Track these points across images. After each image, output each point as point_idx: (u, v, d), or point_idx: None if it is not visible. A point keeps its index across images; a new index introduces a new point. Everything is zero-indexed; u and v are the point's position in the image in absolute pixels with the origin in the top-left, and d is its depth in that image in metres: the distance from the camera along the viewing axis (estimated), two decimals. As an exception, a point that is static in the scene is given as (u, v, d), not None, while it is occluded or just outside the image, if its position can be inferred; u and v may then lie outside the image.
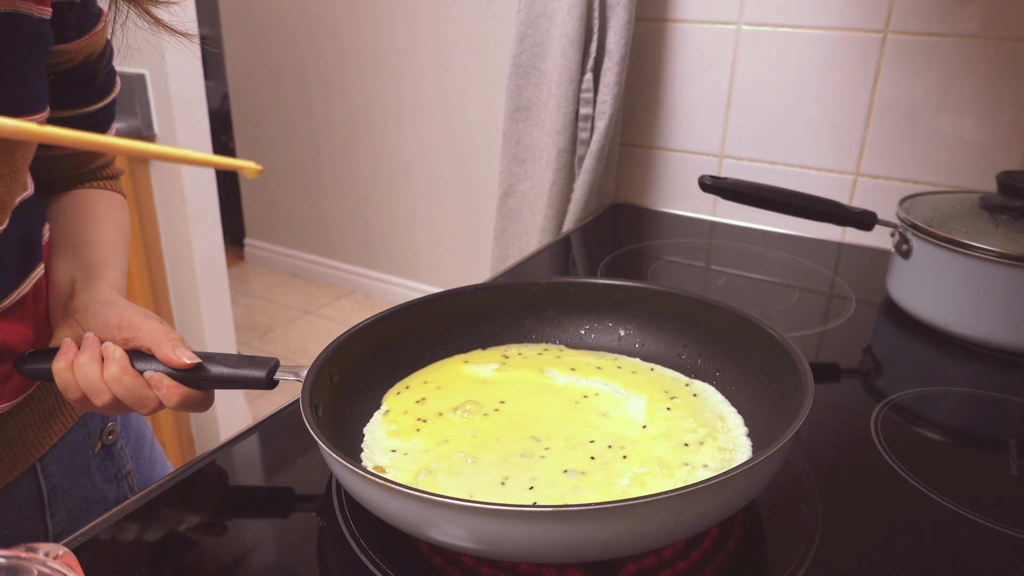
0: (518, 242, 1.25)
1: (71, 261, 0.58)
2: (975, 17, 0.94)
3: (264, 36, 2.84)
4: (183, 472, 0.55)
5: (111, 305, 0.53)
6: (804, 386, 0.48)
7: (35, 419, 0.57)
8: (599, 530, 0.39)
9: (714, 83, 1.13)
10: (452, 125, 2.49)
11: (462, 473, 0.49)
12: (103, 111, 0.63)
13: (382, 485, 0.40)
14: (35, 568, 0.31)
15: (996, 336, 0.76)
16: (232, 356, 0.52)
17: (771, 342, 0.55)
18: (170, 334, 0.51)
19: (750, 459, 0.41)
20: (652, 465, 0.49)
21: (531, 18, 1.11)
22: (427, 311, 0.63)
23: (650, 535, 0.41)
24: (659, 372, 0.62)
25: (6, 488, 0.56)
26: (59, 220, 0.61)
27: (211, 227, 1.50)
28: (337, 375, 0.54)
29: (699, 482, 0.39)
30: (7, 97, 0.48)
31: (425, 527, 0.41)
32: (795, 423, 0.44)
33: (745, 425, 0.55)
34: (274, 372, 0.51)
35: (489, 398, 0.58)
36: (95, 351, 0.50)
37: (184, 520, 0.51)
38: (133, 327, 0.51)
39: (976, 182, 1.00)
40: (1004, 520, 0.52)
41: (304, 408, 0.47)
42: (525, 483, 0.48)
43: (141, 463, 0.70)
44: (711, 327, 0.62)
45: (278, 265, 3.21)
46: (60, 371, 0.50)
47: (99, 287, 0.56)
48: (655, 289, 0.64)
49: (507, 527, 0.39)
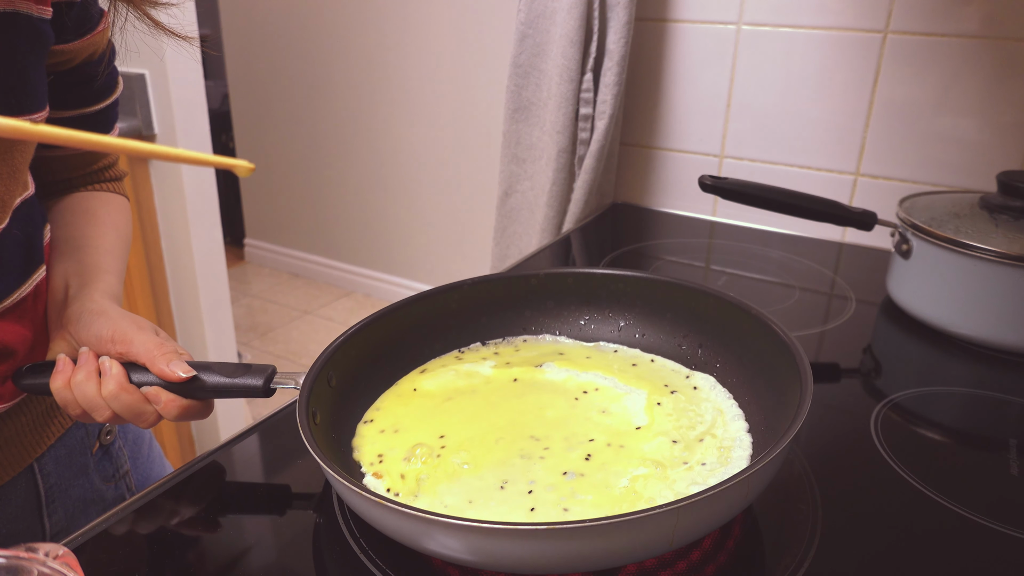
0: (518, 242, 1.25)
1: (67, 265, 0.58)
2: (975, 17, 0.94)
3: (264, 36, 2.84)
4: (183, 472, 0.55)
5: (103, 317, 0.52)
6: (803, 386, 0.48)
7: (33, 419, 0.57)
8: (595, 544, 0.39)
9: (714, 83, 1.13)
10: (452, 125, 2.49)
11: (461, 477, 0.49)
12: (105, 111, 0.63)
13: (379, 504, 0.40)
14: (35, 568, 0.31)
15: (996, 336, 0.76)
16: (228, 365, 0.52)
17: (771, 335, 0.55)
18: (163, 347, 0.51)
19: (746, 468, 0.41)
20: (650, 466, 0.49)
21: (531, 18, 1.11)
22: (425, 307, 0.63)
23: (647, 547, 0.41)
24: (659, 363, 0.62)
25: (3, 488, 0.56)
26: (59, 222, 0.61)
27: (211, 227, 1.50)
28: (335, 378, 0.54)
29: (694, 495, 0.39)
30: (5, 96, 0.48)
31: (422, 541, 0.41)
32: (792, 427, 0.44)
33: (745, 420, 0.55)
34: (271, 380, 0.51)
35: (487, 397, 0.58)
36: (91, 367, 0.50)
37: (183, 520, 0.51)
38: (126, 341, 0.51)
39: (976, 182, 1.00)
40: (1004, 520, 0.52)
41: (300, 420, 0.47)
42: (524, 486, 0.48)
43: (139, 463, 0.70)
44: (711, 317, 0.61)
45: (278, 265, 3.21)
46: (59, 390, 0.50)
47: (92, 295, 0.55)
48: (654, 279, 0.64)
49: (503, 543, 0.39)
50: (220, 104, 3.09)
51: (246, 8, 2.84)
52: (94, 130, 0.62)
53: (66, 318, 0.54)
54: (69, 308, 0.54)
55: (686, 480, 0.48)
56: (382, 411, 0.57)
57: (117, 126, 0.66)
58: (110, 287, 0.57)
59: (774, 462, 0.43)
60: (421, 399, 0.58)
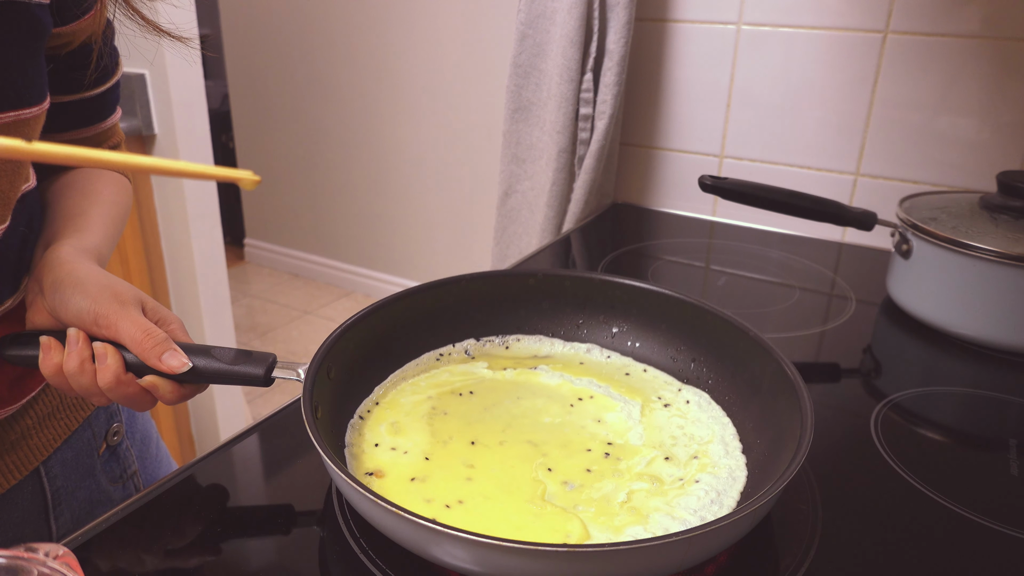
0: (518, 242, 1.25)
1: (53, 228, 0.55)
2: (975, 17, 0.94)
3: (264, 36, 2.84)
4: (183, 472, 0.55)
5: (80, 291, 0.48)
6: (804, 418, 0.47)
7: (38, 421, 0.57)
8: (608, 568, 0.39)
9: (714, 83, 1.13)
10: (452, 125, 2.49)
11: (461, 480, 0.49)
12: (107, 94, 0.61)
13: (389, 511, 0.40)
14: (35, 568, 0.31)
15: (996, 336, 0.76)
16: (228, 351, 0.50)
17: (769, 359, 0.54)
18: (152, 336, 0.47)
19: (759, 496, 0.41)
20: (647, 481, 0.49)
21: (531, 18, 1.11)
22: (423, 300, 0.63)
23: (654, 572, 0.41)
24: (651, 374, 0.62)
25: (9, 491, 0.55)
26: (56, 197, 0.59)
27: (211, 227, 1.50)
28: (334, 370, 0.54)
29: (707, 523, 0.39)
30: (4, 90, 0.47)
31: (426, 548, 0.41)
32: (800, 449, 0.44)
33: (739, 439, 0.54)
34: (271, 370, 0.50)
35: (483, 399, 0.58)
36: (84, 354, 0.47)
37: (184, 519, 0.51)
38: (111, 325, 0.47)
39: (976, 182, 1.00)
40: (1004, 520, 0.52)
41: (306, 415, 0.46)
42: (526, 493, 0.48)
43: (147, 463, 0.69)
44: (707, 334, 0.61)
45: (278, 265, 3.21)
46: (51, 377, 0.48)
47: (64, 250, 0.51)
48: (652, 289, 0.64)
49: (511, 560, 0.39)
50: (220, 104, 3.09)
51: (246, 8, 2.84)
52: (97, 112, 0.61)
53: (43, 286, 0.50)
54: (44, 276, 0.50)
55: (682, 498, 0.48)
56: (381, 406, 0.57)
57: (119, 109, 0.64)
58: (87, 243, 0.54)
59: (780, 486, 0.43)
60: (418, 396, 0.58)
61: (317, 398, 0.50)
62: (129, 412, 0.68)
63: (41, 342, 0.48)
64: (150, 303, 0.51)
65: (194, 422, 1.64)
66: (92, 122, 0.61)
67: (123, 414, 0.67)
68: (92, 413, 0.63)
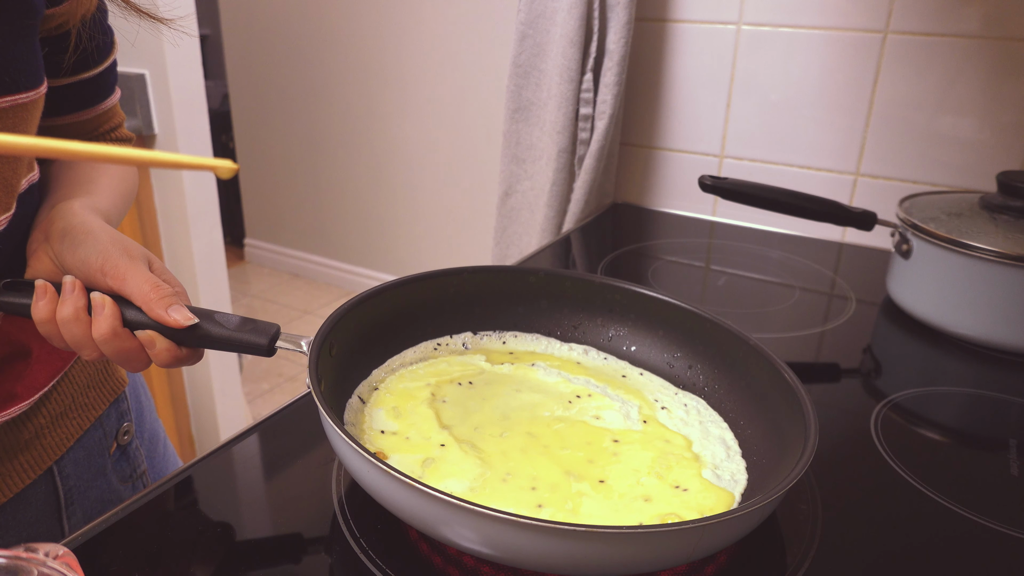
0: (518, 242, 1.25)
1: (62, 191, 0.54)
2: (975, 17, 0.94)
3: (264, 36, 2.84)
4: (183, 472, 0.55)
5: (90, 239, 0.47)
6: (808, 424, 0.47)
7: (51, 420, 0.57)
8: (617, 552, 0.39)
9: (714, 83, 1.13)
10: (452, 125, 2.49)
11: (464, 465, 0.49)
12: (104, 74, 0.60)
13: (407, 484, 0.39)
14: (35, 568, 0.31)
15: (996, 336, 0.76)
16: (233, 317, 0.48)
17: (769, 368, 0.54)
18: (160, 288, 0.46)
19: (769, 492, 0.41)
20: (650, 476, 0.49)
21: (531, 18, 1.11)
22: (424, 288, 0.63)
23: (666, 559, 0.41)
24: (647, 378, 0.62)
25: (23, 492, 0.55)
26: (64, 169, 0.58)
27: (211, 227, 1.50)
28: (336, 348, 0.54)
29: (721, 514, 0.40)
30: (0, 76, 0.46)
31: (435, 526, 0.41)
32: (806, 452, 0.44)
33: (739, 444, 0.54)
34: (275, 340, 0.49)
35: (482, 390, 0.58)
36: (80, 303, 0.45)
37: (185, 518, 0.51)
38: (118, 276, 0.46)
39: (976, 182, 1.00)
40: (1004, 520, 0.52)
41: (312, 387, 0.46)
42: (527, 481, 0.48)
43: (155, 462, 0.70)
44: (704, 341, 0.60)
45: (278, 265, 3.21)
46: (42, 323, 0.46)
47: (74, 207, 0.50)
48: (651, 295, 0.64)
49: (526, 538, 0.39)
50: (220, 104, 3.10)
51: (246, 8, 2.84)
52: (96, 93, 0.60)
53: (50, 234, 0.49)
54: (53, 224, 0.49)
55: (682, 497, 0.48)
56: (380, 391, 0.57)
57: (118, 89, 0.63)
58: (98, 204, 0.52)
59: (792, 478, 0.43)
60: (417, 383, 0.58)
61: (320, 372, 0.49)
62: (138, 411, 0.68)
63: (36, 286, 0.46)
64: (157, 263, 0.50)
65: (194, 422, 1.64)
66: (92, 103, 0.60)
67: (133, 414, 0.67)
68: (103, 413, 0.63)
